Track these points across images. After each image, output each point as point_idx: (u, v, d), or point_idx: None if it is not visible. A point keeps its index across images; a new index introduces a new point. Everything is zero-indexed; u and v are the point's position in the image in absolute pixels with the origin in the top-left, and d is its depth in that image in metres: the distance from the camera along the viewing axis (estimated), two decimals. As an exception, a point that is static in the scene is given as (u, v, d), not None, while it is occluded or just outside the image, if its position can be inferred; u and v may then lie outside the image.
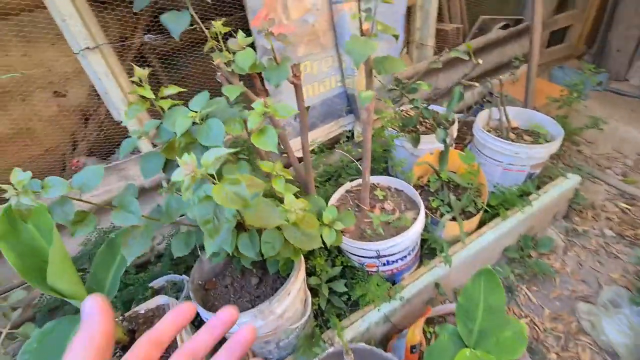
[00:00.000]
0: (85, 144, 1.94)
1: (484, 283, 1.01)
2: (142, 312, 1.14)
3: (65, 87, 1.83)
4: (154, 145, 1.65)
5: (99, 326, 0.26)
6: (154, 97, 0.75)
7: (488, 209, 1.57)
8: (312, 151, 2.03)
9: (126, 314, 1.12)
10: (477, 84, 1.25)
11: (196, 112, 0.76)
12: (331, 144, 2.16)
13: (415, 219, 1.33)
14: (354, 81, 1.96)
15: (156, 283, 1.48)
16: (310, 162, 1.16)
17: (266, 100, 0.86)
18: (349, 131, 2.15)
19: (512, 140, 1.73)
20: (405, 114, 1.90)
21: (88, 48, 1.37)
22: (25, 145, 1.80)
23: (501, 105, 1.78)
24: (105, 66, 1.44)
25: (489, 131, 1.79)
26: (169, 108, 0.78)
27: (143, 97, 0.74)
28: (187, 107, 0.81)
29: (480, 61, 1.22)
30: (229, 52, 0.98)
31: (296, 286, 1.13)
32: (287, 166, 1.06)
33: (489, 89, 2.65)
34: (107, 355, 0.26)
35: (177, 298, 1.34)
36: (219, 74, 1.03)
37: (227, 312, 0.31)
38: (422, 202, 1.34)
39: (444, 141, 1.51)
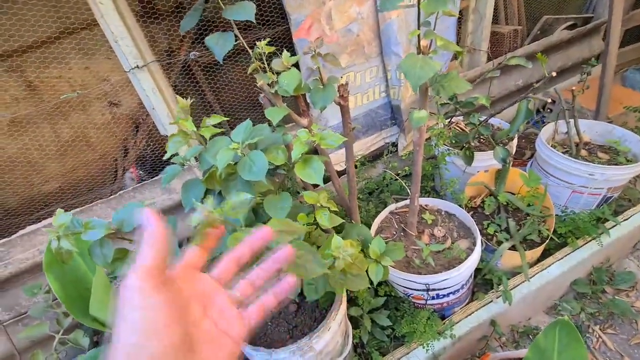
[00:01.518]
0: (134, 151, 2.02)
1: (559, 337, 0.86)
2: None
3: (118, 96, 1.92)
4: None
5: (157, 228, 0.28)
6: (195, 129, 0.72)
7: (554, 237, 1.38)
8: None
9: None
10: (549, 99, 1.08)
11: (238, 143, 0.71)
12: (373, 157, 2.06)
13: (470, 249, 1.19)
14: (400, 91, 1.85)
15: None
16: (355, 189, 1.08)
17: (311, 127, 0.80)
18: (393, 144, 2.03)
19: (585, 159, 1.51)
20: (456, 127, 1.75)
21: (137, 67, 1.40)
22: (82, 150, 1.91)
23: (570, 116, 1.57)
24: (152, 83, 1.48)
25: (554, 147, 1.58)
26: (211, 138, 0.74)
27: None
28: (229, 132, 0.76)
29: (554, 74, 1.06)
30: (273, 73, 0.93)
31: (337, 320, 1.05)
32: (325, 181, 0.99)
33: (552, 96, 2.40)
34: (169, 253, 0.28)
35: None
36: (262, 95, 0.98)
37: (264, 230, 0.35)
38: (478, 231, 1.20)
39: (503, 160, 1.35)
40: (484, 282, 1.44)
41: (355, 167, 1.97)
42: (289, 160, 0.81)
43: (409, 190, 1.46)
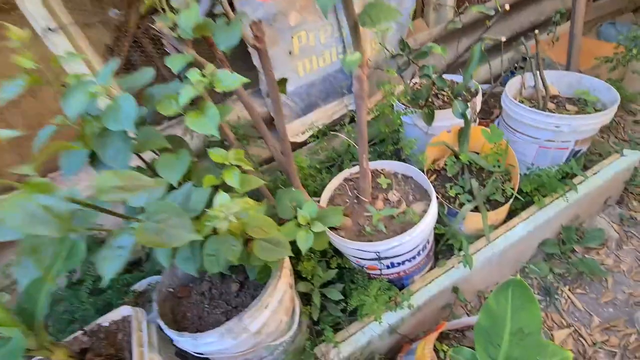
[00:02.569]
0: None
1: (512, 298, 0.77)
2: (106, 324, 1.01)
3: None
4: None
5: None
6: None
7: (519, 197, 1.28)
8: (314, 135, 1.81)
9: (87, 328, 0.99)
10: (503, 38, 0.96)
11: (103, 85, 0.57)
12: (335, 126, 1.93)
13: (425, 211, 1.09)
14: (358, 52, 1.70)
15: (140, 285, 1.36)
16: (289, 147, 0.95)
17: (207, 67, 0.66)
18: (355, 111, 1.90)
19: (551, 111, 1.41)
20: (418, 88, 1.62)
21: (50, 29, 1.22)
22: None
23: (537, 68, 1.45)
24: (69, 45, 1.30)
25: (521, 102, 1.48)
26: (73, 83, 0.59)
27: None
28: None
29: (507, 6, 0.93)
30: (174, 13, 0.78)
31: (276, 297, 0.94)
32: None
33: (522, 53, 2.28)
34: None
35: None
36: (165, 41, 0.83)
37: None
38: (433, 191, 1.09)
39: (463, 115, 1.23)
40: (447, 247, 1.36)
41: (317, 137, 1.84)
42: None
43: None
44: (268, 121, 1.78)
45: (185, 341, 0.87)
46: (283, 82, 0.99)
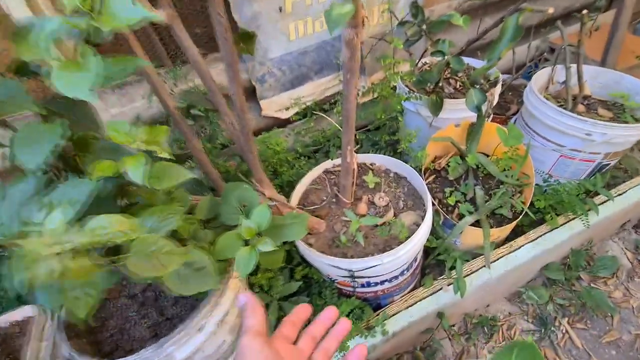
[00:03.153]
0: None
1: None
2: (5, 325, 0.81)
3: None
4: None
5: (254, 302, 0.41)
6: None
7: (529, 211, 1.08)
8: (300, 113, 1.57)
9: (-22, 329, 0.79)
10: (550, 9, 0.71)
11: None
12: (325, 105, 1.68)
13: (417, 224, 0.88)
14: (362, 18, 1.42)
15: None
16: (248, 126, 0.71)
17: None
18: (352, 89, 1.64)
19: (582, 114, 1.18)
20: (427, 69, 1.37)
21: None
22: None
23: (572, 61, 1.21)
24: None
25: (546, 98, 1.24)
26: None
27: None
28: None
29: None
30: None
31: (216, 316, 0.74)
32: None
33: (550, 43, 2.01)
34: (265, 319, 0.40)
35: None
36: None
37: (331, 310, 0.46)
38: (430, 200, 0.88)
39: (477, 108, 1.00)
40: (438, 263, 1.17)
41: (304, 116, 1.60)
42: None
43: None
44: (250, 91, 1.53)
45: (84, 368, 0.67)
46: (250, 37, 0.74)
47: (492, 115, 1.46)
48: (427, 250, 1.14)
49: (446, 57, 0.95)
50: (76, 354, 0.68)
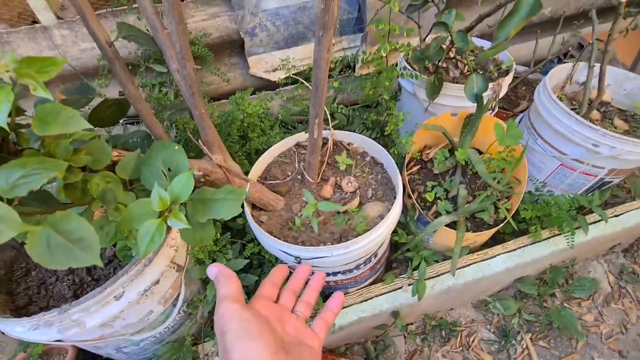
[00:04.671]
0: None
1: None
2: None
3: None
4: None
5: (225, 270, 0.40)
6: None
7: (512, 222, 0.98)
8: (290, 78, 1.43)
9: None
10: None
11: None
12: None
13: (382, 217, 0.79)
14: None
15: None
16: (192, 75, 0.60)
17: None
18: (352, 57, 1.49)
19: (594, 121, 1.05)
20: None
21: None
22: None
23: (597, 61, 1.06)
24: None
25: (560, 98, 1.10)
26: None
27: None
28: None
29: None
30: None
31: (138, 286, 0.68)
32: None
33: (579, 38, 1.82)
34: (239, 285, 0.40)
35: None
36: None
37: (320, 274, 0.48)
38: (400, 195, 0.78)
39: (476, 97, 0.88)
40: (405, 259, 1.09)
41: (294, 82, 1.46)
42: None
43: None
44: (238, 44, 1.39)
45: (-14, 322, 0.61)
46: None
47: (497, 109, 1.33)
48: (397, 245, 1.06)
49: (450, 31, 0.81)
50: (-23, 305, 0.62)
